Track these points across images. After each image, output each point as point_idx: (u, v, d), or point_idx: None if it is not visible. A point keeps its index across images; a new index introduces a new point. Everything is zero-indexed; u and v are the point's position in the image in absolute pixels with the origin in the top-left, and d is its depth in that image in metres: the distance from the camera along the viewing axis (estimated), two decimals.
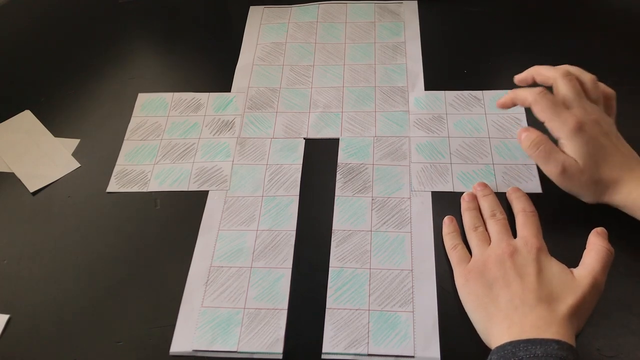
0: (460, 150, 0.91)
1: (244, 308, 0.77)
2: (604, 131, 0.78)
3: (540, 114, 0.79)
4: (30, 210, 0.90)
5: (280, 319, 0.76)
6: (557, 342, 0.62)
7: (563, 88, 0.80)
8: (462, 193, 0.86)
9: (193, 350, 0.74)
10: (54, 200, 0.90)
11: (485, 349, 0.69)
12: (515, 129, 0.93)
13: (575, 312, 0.67)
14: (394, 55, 1.06)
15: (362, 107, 0.98)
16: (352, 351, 0.72)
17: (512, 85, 0.97)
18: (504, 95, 0.85)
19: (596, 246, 0.73)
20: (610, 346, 0.71)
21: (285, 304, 0.77)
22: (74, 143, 0.96)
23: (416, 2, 1.15)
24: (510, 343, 0.64)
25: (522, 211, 0.80)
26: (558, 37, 1.06)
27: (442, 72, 1.02)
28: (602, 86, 0.85)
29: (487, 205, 0.83)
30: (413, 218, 0.84)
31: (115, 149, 0.95)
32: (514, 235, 0.78)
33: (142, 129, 0.98)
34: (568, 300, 0.68)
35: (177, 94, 1.02)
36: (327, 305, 0.77)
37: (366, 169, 0.90)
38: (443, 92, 0.99)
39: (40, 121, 1.00)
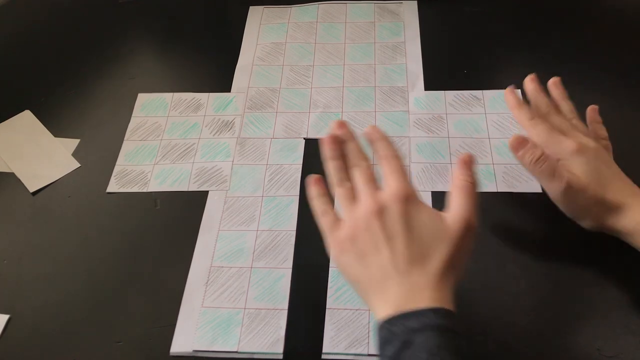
0: (460, 151, 0.91)
1: (244, 308, 0.77)
2: (604, 157, 0.78)
3: (540, 137, 0.78)
4: (30, 210, 0.90)
5: (281, 319, 0.76)
6: (433, 310, 0.60)
7: (556, 120, 0.81)
8: None
9: (193, 351, 0.74)
10: (54, 200, 0.90)
11: (486, 347, 0.70)
12: (515, 129, 0.93)
13: (451, 264, 0.64)
14: (394, 55, 1.06)
15: (362, 107, 0.98)
16: (353, 351, 0.73)
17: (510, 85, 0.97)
18: (510, 95, 0.85)
19: (460, 181, 0.68)
20: (610, 346, 0.71)
21: (285, 304, 0.77)
22: (74, 143, 0.97)
23: (416, 2, 1.15)
24: (388, 321, 0.61)
25: (384, 158, 0.71)
26: (558, 37, 1.06)
27: (442, 72, 1.02)
28: (599, 129, 0.84)
29: (352, 152, 0.74)
30: None
31: (115, 149, 0.95)
32: None
33: (142, 129, 0.98)
34: (441, 252, 0.64)
35: (177, 94, 1.03)
36: (328, 306, 0.77)
37: None
38: (443, 92, 0.99)
39: (40, 121, 1.00)
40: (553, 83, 0.87)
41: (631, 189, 0.76)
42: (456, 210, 0.67)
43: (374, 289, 0.64)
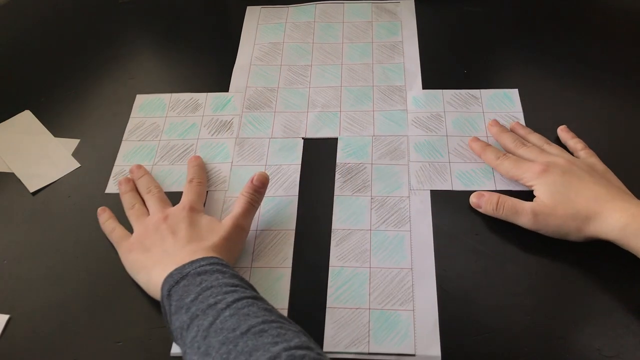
0: (458, 149, 0.91)
1: None
2: (571, 169, 0.80)
3: (508, 172, 0.85)
4: (30, 210, 0.90)
5: None
6: (205, 258, 0.72)
7: (524, 151, 0.86)
8: (461, 192, 0.86)
9: None
10: (54, 200, 0.90)
11: (486, 347, 0.70)
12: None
13: (221, 248, 0.77)
14: (392, 55, 1.06)
15: (360, 106, 0.99)
16: (353, 350, 0.73)
17: (509, 85, 0.98)
18: (474, 144, 0.91)
19: (243, 195, 0.82)
20: (610, 346, 0.71)
21: (285, 304, 0.77)
22: (74, 143, 0.97)
23: (413, 1, 1.15)
24: (168, 275, 0.71)
25: (188, 182, 0.88)
26: (556, 36, 1.06)
27: (439, 71, 1.03)
28: (573, 144, 0.88)
29: (143, 184, 0.89)
30: (412, 217, 0.84)
31: (116, 149, 0.96)
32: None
33: (140, 130, 0.98)
34: (214, 238, 0.78)
35: (175, 95, 1.03)
36: (328, 305, 0.77)
37: (365, 168, 0.90)
38: (441, 90, 0.99)
39: (40, 121, 1.00)
40: (514, 126, 0.93)
41: (606, 194, 0.76)
42: (231, 214, 0.81)
43: (155, 267, 0.75)
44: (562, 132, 0.90)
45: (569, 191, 0.77)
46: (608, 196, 0.76)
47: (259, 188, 0.83)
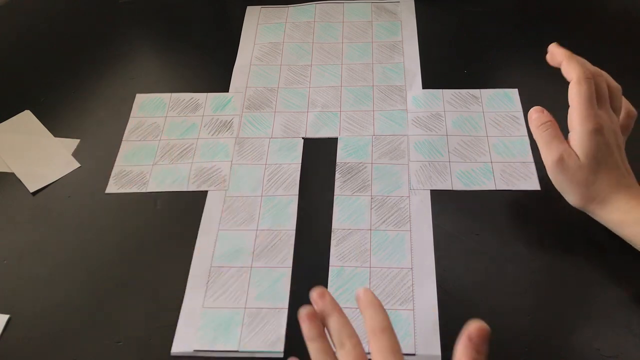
0: (458, 149, 0.91)
1: (245, 308, 0.77)
2: (617, 143, 0.76)
3: (573, 98, 0.78)
4: (30, 210, 0.90)
5: (281, 318, 0.76)
6: None
7: (592, 89, 0.78)
8: (461, 192, 0.86)
9: (194, 350, 0.74)
10: (54, 200, 0.90)
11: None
12: (513, 127, 0.93)
13: None
14: (392, 55, 1.06)
15: (360, 106, 0.99)
16: None
17: (509, 84, 0.98)
18: (559, 50, 0.84)
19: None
20: (610, 346, 0.71)
21: (285, 303, 0.77)
22: (74, 143, 0.97)
23: (413, 1, 1.15)
24: None
25: (372, 332, 0.63)
26: (556, 35, 1.06)
27: (439, 71, 1.03)
28: (627, 103, 0.83)
29: (334, 329, 0.64)
30: (412, 216, 0.84)
31: (116, 149, 0.95)
32: None
33: (140, 130, 0.98)
34: None
35: (175, 95, 1.03)
36: None
37: (365, 167, 0.90)
38: (441, 90, 0.99)
39: (40, 121, 1.00)
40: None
41: (626, 180, 0.75)
42: None
43: None
44: (631, 107, 0.84)
45: (599, 166, 0.74)
46: (626, 182, 0.75)
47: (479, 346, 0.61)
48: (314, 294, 0.66)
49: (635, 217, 0.73)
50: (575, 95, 0.77)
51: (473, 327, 0.61)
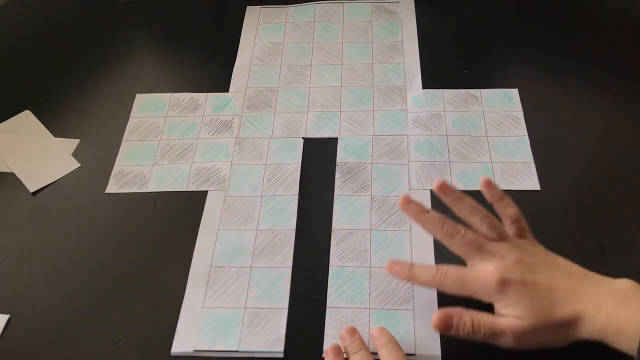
0: (458, 149, 0.91)
1: (245, 308, 0.77)
2: (529, 268, 0.69)
3: (455, 293, 0.70)
4: (30, 210, 0.90)
5: (281, 318, 0.76)
6: None
7: (458, 250, 0.72)
8: (462, 191, 0.86)
9: (194, 350, 0.74)
10: (54, 200, 0.90)
11: (486, 346, 0.70)
12: (513, 127, 0.93)
13: None
14: (392, 55, 1.06)
15: (360, 106, 0.99)
16: None
17: (509, 84, 0.98)
18: (399, 265, 0.74)
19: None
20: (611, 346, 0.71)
21: (285, 303, 0.77)
22: (74, 143, 0.97)
23: (412, 1, 1.15)
24: None
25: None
26: (557, 36, 1.06)
27: (439, 71, 1.03)
28: (504, 207, 0.75)
29: None
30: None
31: (116, 149, 0.96)
32: None
33: (140, 130, 0.98)
34: None
35: (175, 95, 1.03)
36: (328, 304, 0.77)
37: (365, 167, 0.90)
38: (441, 90, 1.00)
39: (40, 121, 1.00)
40: (441, 188, 0.76)
41: (573, 289, 0.68)
42: None
43: None
44: (487, 187, 0.76)
45: (541, 302, 0.67)
46: (577, 294, 0.67)
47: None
48: (344, 332, 0.71)
49: (611, 331, 0.65)
50: (452, 291, 0.71)
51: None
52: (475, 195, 0.76)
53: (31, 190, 0.91)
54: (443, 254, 0.80)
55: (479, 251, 0.70)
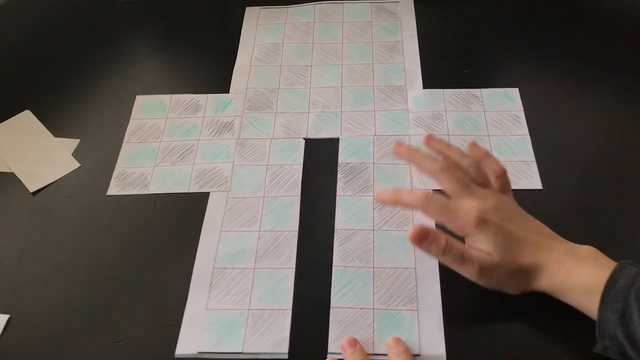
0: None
1: (249, 309, 0.77)
2: (507, 216, 0.73)
3: (436, 217, 0.77)
4: (30, 210, 0.89)
5: (285, 319, 0.76)
6: None
7: (446, 184, 0.76)
8: None
9: (198, 352, 0.74)
10: (54, 200, 0.90)
11: (491, 346, 0.70)
12: (515, 127, 0.93)
13: None
14: (392, 55, 1.06)
15: (361, 106, 0.99)
16: None
17: (510, 84, 0.98)
18: (386, 191, 0.77)
19: None
20: None
21: (289, 304, 0.77)
22: (74, 143, 0.96)
23: (412, 1, 1.15)
24: None
25: None
26: (557, 35, 1.06)
27: (440, 71, 1.03)
28: (490, 163, 0.79)
29: None
30: (415, 216, 0.84)
31: (116, 149, 0.95)
32: None
33: (140, 131, 0.98)
34: None
35: (175, 96, 1.02)
36: (332, 305, 0.77)
37: (367, 168, 0.90)
38: (441, 90, 1.00)
39: (40, 121, 0.99)
40: (428, 141, 0.82)
41: (543, 244, 0.72)
42: None
43: None
44: (473, 148, 0.81)
45: (511, 245, 0.71)
46: (544, 248, 0.72)
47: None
48: (345, 342, 0.72)
49: (568, 284, 0.70)
50: (433, 216, 0.77)
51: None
52: None
53: (31, 190, 0.91)
54: None
55: (465, 189, 0.74)
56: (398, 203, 0.76)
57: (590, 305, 0.68)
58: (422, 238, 0.71)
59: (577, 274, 0.69)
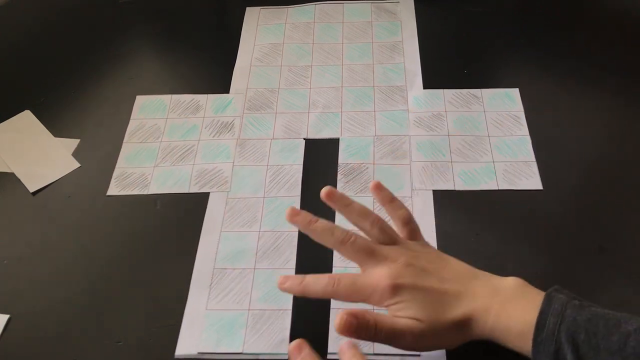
0: (460, 149, 0.91)
1: (249, 310, 0.77)
2: (421, 270, 0.68)
3: (349, 300, 0.69)
4: (30, 210, 0.89)
5: (285, 320, 0.76)
6: None
7: (349, 256, 0.71)
8: (463, 192, 0.86)
9: (198, 353, 0.74)
10: (54, 200, 0.90)
11: (490, 346, 0.70)
12: (515, 127, 0.94)
13: None
14: (392, 55, 1.06)
15: (361, 106, 0.99)
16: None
17: (510, 84, 0.98)
18: (289, 280, 0.71)
19: None
20: None
21: (289, 305, 0.77)
22: (74, 143, 0.96)
23: (412, 1, 1.15)
24: None
25: None
26: (557, 36, 1.06)
27: (440, 71, 1.03)
28: (395, 209, 0.75)
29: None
30: (415, 217, 0.84)
31: (116, 148, 0.95)
32: None
33: (141, 132, 0.98)
34: None
35: (175, 96, 1.02)
36: (332, 306, 0.76)
37: (367, 168, 0.90)
38: (442, 90, 1.00)
39: (40, 121, 0.99)
40: (329, 194, 0.75)
41: (465, 292, 0.67)
42: None
43: None
44: (376, 190, 0.76)
45: (433, 304, 0.66)
46: (467, 296, 0.67)
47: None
48: (345, 345, 0.63)
49: (500, 329, 0.66)
50: (347, 299, 0.69)
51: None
52: (479, 195, 0.76)
53: (31, 190, 0.91)
54: (446, 253, 0.80)
55: (370, 256, 0.69)
56: (305, 293, 0.69)
57: (525, 347, 0.64)
58: (349, 327, 0.64)
59: (506, 319, 0.65)
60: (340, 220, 0.83)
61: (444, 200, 0.86)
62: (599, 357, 0.60)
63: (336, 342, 0.73)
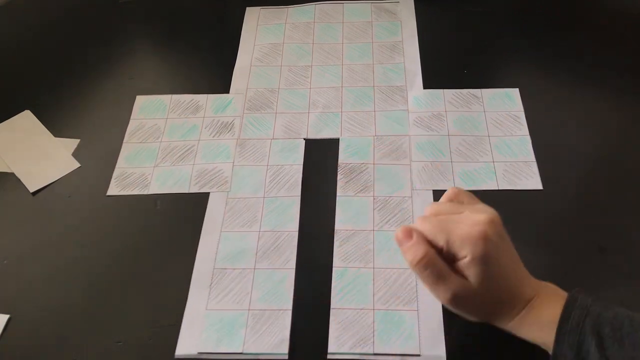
0: (460, 149, 0.91)
1: (249, 310, 0.77)
2: (502, 232, 0.67)
3: (431, 232, 0.66)
4: (30, 210, 0.89)
5: (285, 320, 0.76)
6: None
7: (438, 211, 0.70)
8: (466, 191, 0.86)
9: (198, 353, 0.74)
10: (54, 200, 0.90)
11: (491, 347, 0.70)
12: (515, 127, 0.94)
13: None
14: (392, 55, 1.06)
15: (361, 106, 0.99)
16: (358, 351, 0.73)
17: (510, 84, 0.98)
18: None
19: None
20: None
21: (289, 305, 0.77)
22: (74, 143, 0.96)
23: (412, 1, 1.15)
24: None
25: None
26: (557, 36, 1.06)
27: (440, 71, 1.03)
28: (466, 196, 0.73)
29: None
30: (415, 217, 0.84)
31: (116, 149, 0.95)
32: None
33: (141, 132, 0.98)
34: None
35: (175, 96, 1.02)
36: (332, 305, 0.77)
37: (367, 168, 0.90)
38: (442, 90, 0.99)
39: (40, 121, 0.99)
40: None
41: (513, 286, 0.67)
42: None
43: None
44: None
45: (498, 275, 0.65)
46: (522, 283, 0.67)
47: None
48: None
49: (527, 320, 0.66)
50: (428, 230, 0.67)
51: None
52: (479, 195, 0.75)
53: (31, 190, 0.91)
54: None
55: (459, 205, 0.70)
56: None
57: (548, 339, 0.64)
58: (404, 238, 0.65)
59: (537, 308, 0.66)
60: (341, 220, 0.84)
61: None
62: (623, 350, 0.60)
63: (336, 341, 0.73)
